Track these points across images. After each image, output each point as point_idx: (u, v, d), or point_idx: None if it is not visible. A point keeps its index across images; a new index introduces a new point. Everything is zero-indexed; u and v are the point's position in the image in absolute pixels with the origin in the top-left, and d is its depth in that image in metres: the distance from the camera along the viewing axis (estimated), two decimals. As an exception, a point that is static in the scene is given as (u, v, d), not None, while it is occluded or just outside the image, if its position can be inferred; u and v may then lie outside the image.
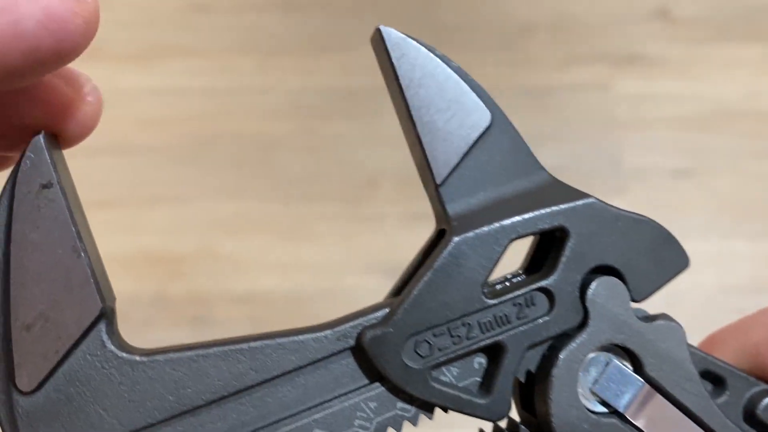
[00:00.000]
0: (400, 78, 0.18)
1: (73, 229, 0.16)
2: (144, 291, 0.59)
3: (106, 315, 0.16)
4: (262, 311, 0.57)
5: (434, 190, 0.18)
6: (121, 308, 0.17)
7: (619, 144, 0.65)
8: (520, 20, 0.72)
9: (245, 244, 0.60)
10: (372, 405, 0.17)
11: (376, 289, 0.58)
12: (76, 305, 0.16)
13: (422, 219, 0.70)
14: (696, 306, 0.55)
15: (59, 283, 0.16)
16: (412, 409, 0.17)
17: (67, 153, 0.18)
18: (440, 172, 0.18)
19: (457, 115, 0.18)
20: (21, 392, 0.16)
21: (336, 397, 0.17)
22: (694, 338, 0.21)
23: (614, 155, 0.64)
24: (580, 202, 0.18)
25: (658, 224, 0.19)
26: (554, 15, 0.72)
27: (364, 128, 0.66)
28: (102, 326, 0.16)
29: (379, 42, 0.18)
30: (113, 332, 0.16)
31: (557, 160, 0.63)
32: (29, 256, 0.16)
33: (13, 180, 0.16)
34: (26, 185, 0.16)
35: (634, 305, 0.18)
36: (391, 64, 0.18)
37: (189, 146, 0.64)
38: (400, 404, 0.17)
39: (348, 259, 0.59)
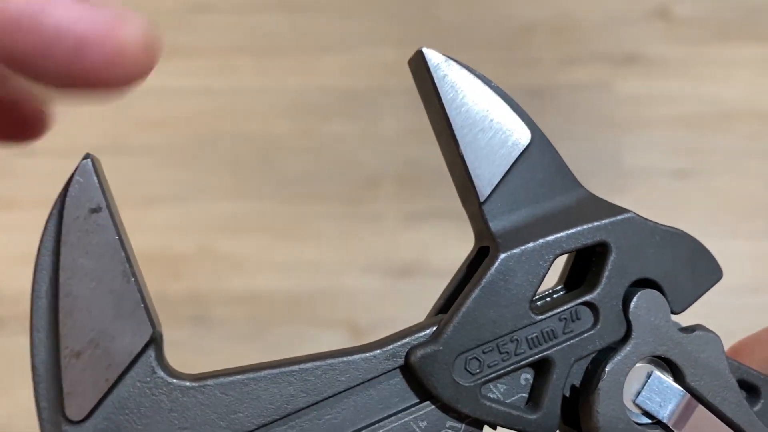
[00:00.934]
0: (443, 98, 0.18)
1: (123, 253, 0.16)
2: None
3: (156, 341, 0.16)
4: (262, 311, 0.57)
5: (477, 207, 0.18)
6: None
7: (619, 144, 0.65)
8: (520, 20, 0.72)
9: (245, 244, 0.60)
10: (422, 424, 0.17)
11: (376, 289, 0.58)
12: (126, 331, 0.16)
13: (422, 219, 0.70)
14: (696, 306, 0.54)
15: (109, 309, 0.16)
16: (461, 426, 0.18)
17: (66, 153, 0.17)
18: (483, 191, 0.18)
19: (498, 134, 0.18)
20: (71, 422, 0.15)
21: (386, 417, 0.17)
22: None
23: (614, 155, 0.64)
24: (619, 217, 0.18)
25: (692, 237, 0.19)
26: (554, 15, 0.72)
27: (364, 128, 0.66)
28: (152, 352, 0.16)
29: (419, 63, 0.18)
30: (162, 358, 0.16)
31: (557, 160, 0.63)
32: (78, 282, 0.16)
33: (61, 204, 0.16)
34: (75, 210, 0.16)
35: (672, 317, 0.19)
36: (434, 84, 0.18)
37: (189, 146, 0.64)
38: (450, 422, 0.17)
39: (348, 259, 0.59)
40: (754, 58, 0.69)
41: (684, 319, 0.20)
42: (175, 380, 0.16)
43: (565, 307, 0.18)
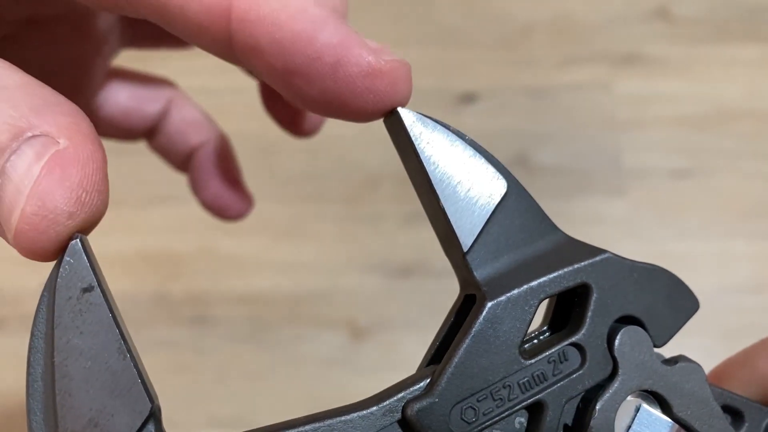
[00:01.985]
0: (420, 155, 0.19)
1: (117, 330, 0.16)
2: (143, 291, 0.59)
3: (155, 414, 0.16)
4: (262, 311, 0.57)
5: (461, 258, 0.19)
6: (120, 308, 0.17)
7: (619, 144, 0.65)
8: (520, 20, 0.72)
9: (245, 243, 0.60)
10: None
11: (376, 289, 0.58)
12: (125, 408, 0.16)
13: (422, 219, 0.70)
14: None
15: (107, 387, 0.16)
16: None
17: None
18: (466, 241, 0.19)
19: (476, 185, 0.19)
20: None
21: None
22: (696, 338, 0.21)
23: (614, 155, 0.64)
24: (597, 258, 0.19)
25: (669, 272, 0.20)
26: (554, 15, 0.72)
27: (364, 128, 0.66)
28: (151, 427, 0.16)
29: (396, 122, 0.19)
30: (161, 431, 0.16)
31: (557, 160, 0.63)
32: (74, 363, 0.15)
33: (52, 287, 0.16)
34: (67, 290, 0.16)
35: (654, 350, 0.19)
36: (411, 142, 0.19)
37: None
38: None
39: (348, 259, 0.59)
40: (754, 58, 0.69)
41: (686, 324, 0.21)
42: None
43: (553, 350, 0.19)
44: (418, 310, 0.57)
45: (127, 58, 0.33)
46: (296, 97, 0.17)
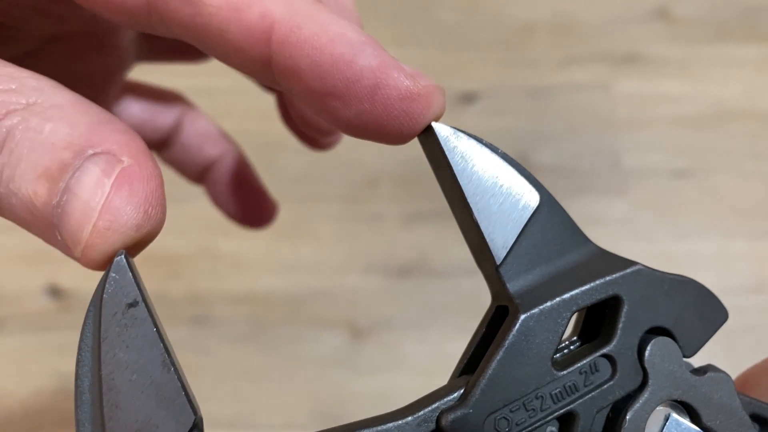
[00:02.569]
0: (454, 168, 0.19)
1: (162, 344, 0.16)
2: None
3: (198, 426, 0.17)
4: (262, 311, 0.57)
5: (494, 270, 0.19)
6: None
7: (619, 144, 0.65)
8: (520, 20, 0.72)
9: (245, 244, 0.60)
10: None
11: (376, 289, 0.58)
12: (170, 419, 0.16)
13: (422, 219, 0.70)
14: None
15: (152, 399, 0.16)
16: None
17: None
18: (498, 254, 0.19)
19: (509, 198, 0.19)
20: None
21: None
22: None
23: (614, 155, 0.64)
24: (629, 270, 0.19)
25: (699, 283, 0.21)
26: (554, 15, 0.72)
27: (364, 128, 0.66)
28: None
29: (429, 136, 0.19)
30: None
31: (557, 160, 0.63)
32: (120, 376, 0.16)
33: (99, 302, 0.16)
34: (112, 306, 0.16)
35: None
36: (444, 156, 0.19)
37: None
38: None
39: (348, 259, 0.59)
40: (754, 58, 0.69)
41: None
42: None
43: (584, 361, 0.19)
44: (418, 310, 0.57)
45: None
46: (331, 119, 0.18)
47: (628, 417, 0.19)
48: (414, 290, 0.58)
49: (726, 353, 0.23)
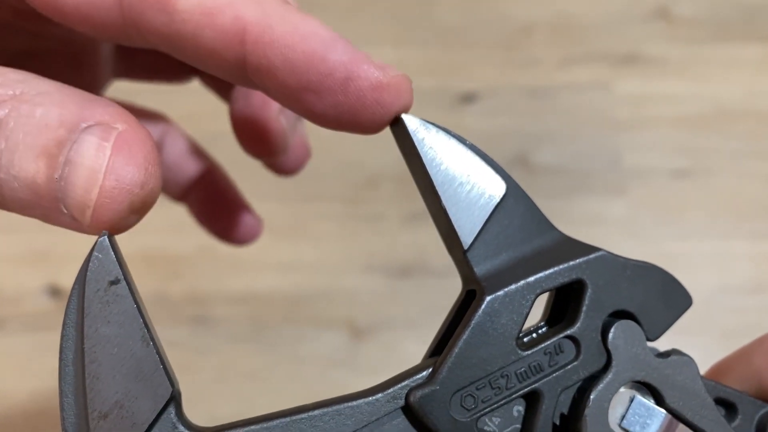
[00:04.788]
0: (423, 158, 0.20)
1: (141, 320, 0.17)
2: (144, 291, 0.58)
3: (175, 398, 0.18)
4: (262, 311, 0.57)
5: (462, 255, 0.20)
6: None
7: (619, 144, 0.65)
8: (520, 20, 0.72)
9: (245, 244, 0.60)
10: None
11: (376, 289, 0.58)
12: (148, 391, 0.17)
13: (422, 219, 0.70)
14: (696, 306, 0.54)
15: (132, 372, 0.17)
16: None
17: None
18: (466, 240, 0.20)
19: (476, 187, 0.20)
20: None
21: None
22: (696, 338, 0.21)
23: (614, 155, 0.64)
24: (592, 256, 0.20)
25: (661, 269, 0.21)
26: (554, 15, 0.72)
27: (363, 128, 0.66)
28: (172, 409, 0.17)
29: (400, 128, 0.20)
30: (182, 414, 0.18)
31: (557, 160, 0.63)
32: (102, 350, 0.17)
33: (82, 280, 0.17)
34: (95, 283, 0.17)
35: (648, 344, 0.20)
36: (414, 146, 0.20)
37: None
38: None
39: (348, 259, 0.59)
40: (754, 58, 0.69)
41: (685, 319, 0.21)
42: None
43: (548, 342, 0.20)
44: (418, 310, 0.57)
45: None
46: (308, 113, 0.19)
47: (592, 397, 0.19)
48: (414, 290, 0.58)
49: (725, 353, 0.24)
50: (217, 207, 0.32)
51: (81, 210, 0.17)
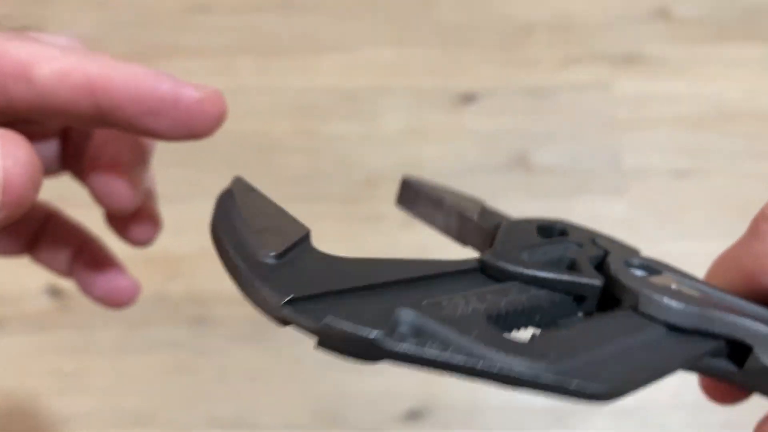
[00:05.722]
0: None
1: (274, 203, 0.25)
2: (143, 291, 0.59)
3: (309, 237, 0.23)
4: (262, 311, 0.57)
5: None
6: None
7: (619, 144, 0.65)
8: (520, 20, 0.72)
9: (245, 244, 0.60)
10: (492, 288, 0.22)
11: (375, 289, 0.58)
12: (291, 226, 0.23)
13: (422, 219, 0.69)
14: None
15: (276, 223, 0.23)
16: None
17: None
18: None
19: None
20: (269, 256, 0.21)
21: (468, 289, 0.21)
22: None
23: (614, 155, 0.64)
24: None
25: None
26: (554, 15, 0.72)
27: (364, 128, 0.66)
28: (309, 240, 0.23)
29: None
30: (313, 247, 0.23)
31: (557, 160, 0.63)
32: (251, 213, 0.23)
33: (228, 194, 0.24)
34: (240, 184, 0.25)
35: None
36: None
37: (188, 146, 0.64)
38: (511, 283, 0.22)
39: (348, 259, 0.59)
40: (754, 58, 0.69)
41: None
42: (328, 253, 0.22)
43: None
44: (418, 310, 0.56)
45: (125, 58, 0.33)
46: (153, 132, 0.24)
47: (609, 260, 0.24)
48: (414, 290, 0.57)
49: (726, 353, 0.23)
50: (96, 276, 0.34)
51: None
